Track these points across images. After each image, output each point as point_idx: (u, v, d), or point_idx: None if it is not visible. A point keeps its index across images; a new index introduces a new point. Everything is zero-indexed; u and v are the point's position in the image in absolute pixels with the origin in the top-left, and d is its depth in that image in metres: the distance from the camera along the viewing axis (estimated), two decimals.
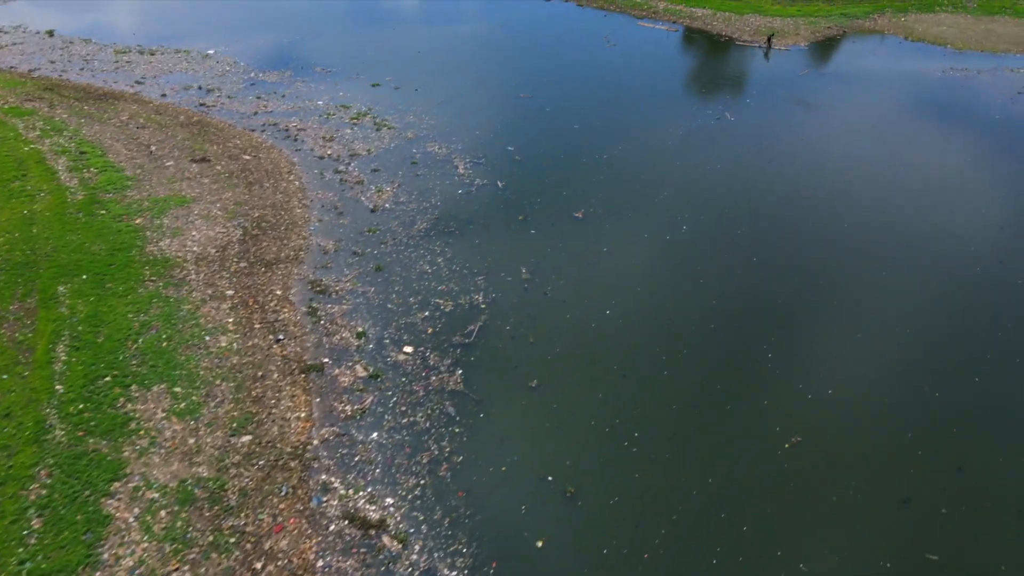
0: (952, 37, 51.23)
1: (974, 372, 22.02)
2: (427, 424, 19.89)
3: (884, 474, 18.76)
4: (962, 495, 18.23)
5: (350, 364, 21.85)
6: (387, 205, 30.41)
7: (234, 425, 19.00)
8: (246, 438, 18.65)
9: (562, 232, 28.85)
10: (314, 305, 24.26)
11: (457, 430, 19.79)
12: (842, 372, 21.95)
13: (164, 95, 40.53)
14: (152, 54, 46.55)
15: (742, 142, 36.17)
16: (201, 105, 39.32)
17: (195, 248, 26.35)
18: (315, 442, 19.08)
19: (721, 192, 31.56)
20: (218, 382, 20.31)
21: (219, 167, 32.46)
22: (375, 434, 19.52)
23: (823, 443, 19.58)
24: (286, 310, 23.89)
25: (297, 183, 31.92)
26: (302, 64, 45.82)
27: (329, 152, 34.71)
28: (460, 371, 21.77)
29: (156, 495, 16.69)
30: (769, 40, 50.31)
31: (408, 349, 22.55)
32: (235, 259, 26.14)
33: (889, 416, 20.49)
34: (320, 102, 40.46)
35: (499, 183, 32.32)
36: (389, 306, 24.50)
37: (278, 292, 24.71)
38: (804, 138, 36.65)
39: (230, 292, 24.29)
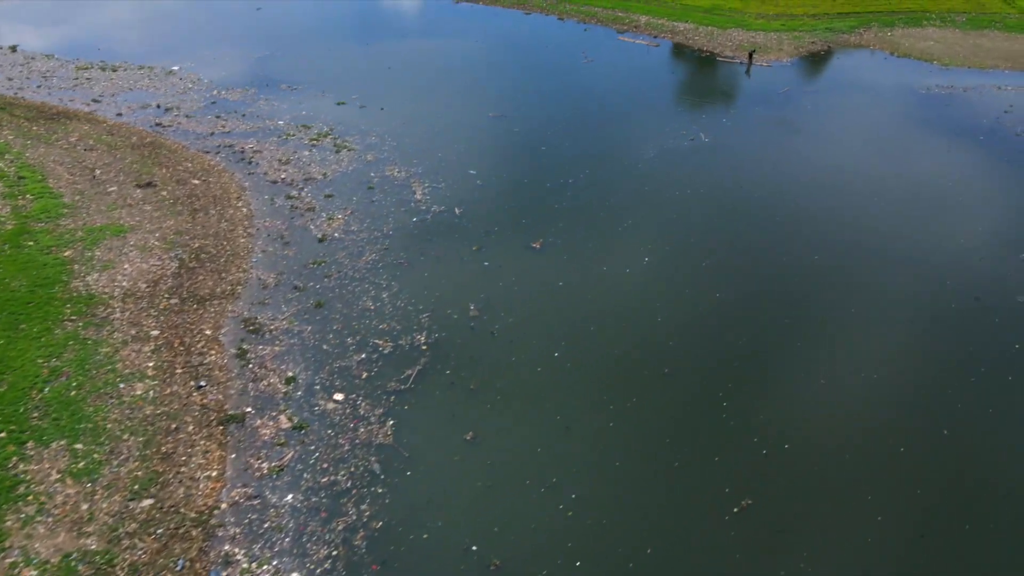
0: (939, 53, 49.89)
1: (943, 426, 20.56)
2: (348, 484, 18.43)
3: (838, 545, 17.27)
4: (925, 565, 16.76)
5: (274, 414, 20.40)
6: (336, 234, 29.00)
7: (135, 487, 17.54)
8: (147, 502, 17.19)
9: (517, 264, 27.44)
10: (244, 346, 22.82)
11: (380, 490, 18.33)
12: (801, 427, 20.48)
13: (120, 114, 39.21)
14: (114, 70, 45.25)
15: (714, 166, 34.77)
16: (157, 125, 37.97)
17: (124, 283, 24.93)
18: (223, 505, 17.61)
19: (687, 221, 30.14)
20: (126, 436, 18.86)
21: (165, 192, 31.09)
22: (290, 496, 18.05)
23: (775, 507, 18.09)
24: (214, 352, 22.45)
25: (245, 210, 30.53)
26: (268, 81, 44.49)
27: (283, 176, 33.33)
28: (392, 422, 20.33)
29: (34, 573, 15.21)
30: (751, 56, 48.97)
31: (339, 397, 21.10)
32: (166, 295, 24.72)
33: (847, 479, 19.02)
34: (281, 122, 39.12)
35: (457, 210, 30.93)
36: (325, 347, 23.07)
37: (208, 332, 23.28)
38: (779, 162, 35.24)
39: (155, 332, 22.86)
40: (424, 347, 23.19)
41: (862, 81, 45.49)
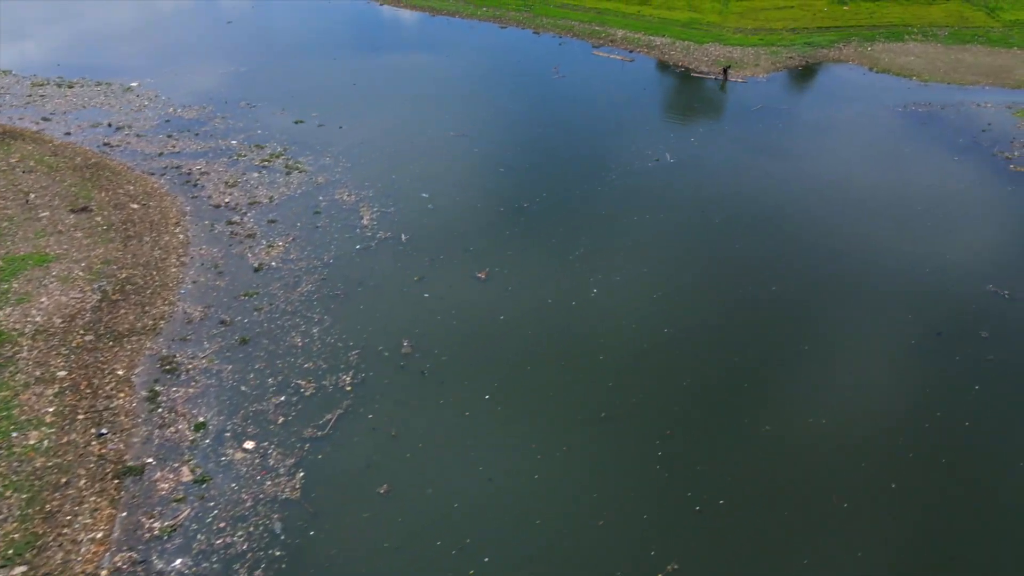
0: (919, 68, 48.67)
1: (891, 480, 19.19)
2: (245, 546, 17.10)
3: None
4: None
5: (176, 465, 19.10)
6: (274, 263, 27.76)
7: (9, 552, 16.23)
8: (19, 570, 15.87)
9: (459, 296, 26.17)
10: (156, 388, 21.54)
11: (278, 553, 17.00)
12: (740, 481, 19.13)
13: (68, 133, 38.06)
14: (71, 87, 44.16)
15: (676, 189, 33.51)
16: (105, 145, 36.82)
17: (38, 318, 23.68)
18: (103, 573, 16.26)
19: (641, 249, 28.88)
20: (8, 493, 17.56)
21: (100, 218, 29.88)
22: (179, 561, 16.73)
23: (703, 574, 16.73)
24: (122, 395, 21.17)
25: (182, 236, 29.32)
26: (227, 98, 43.35)
27: (227, 200, 32.12)
28: (301, 473, 19.03)
29: None
30: (725, 72, 47.79)
31: (249, 445, 19.80)
32: (82, 331, 23.46)
33: (784, 541, 17.67)
34: (234, 141, 37.95)
35: (403, 236, 29.70)
36: (243, 389, 21.79)
37: (120, 372, 22.00)
38: (743, 185, 33.96)
39: (62, 373, 21.58)
40: (348, 388, 21.93)
41: (838, 99, 44.27)
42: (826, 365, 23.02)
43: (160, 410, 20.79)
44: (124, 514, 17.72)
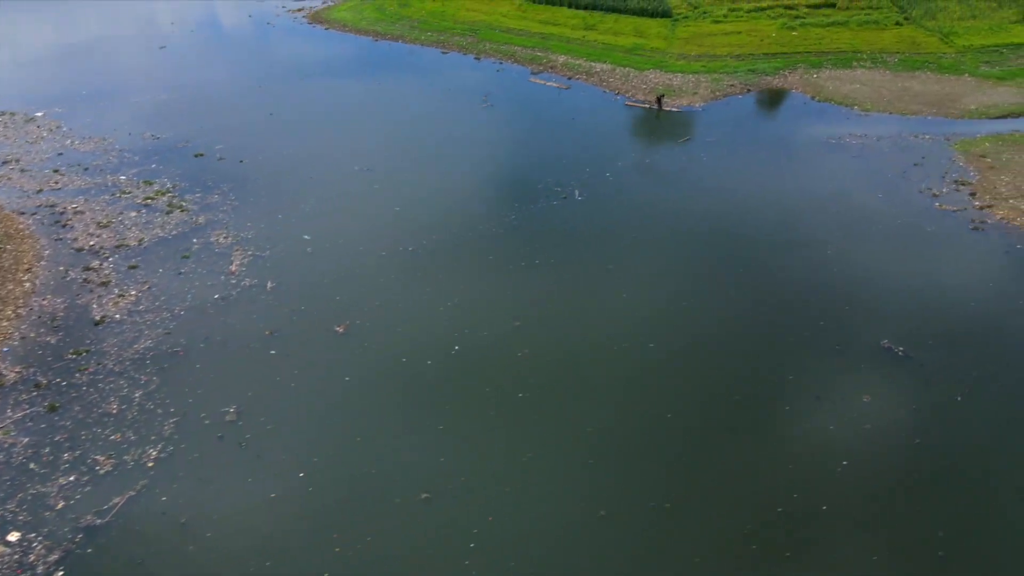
0: (863, 97, 46.68)
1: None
2: None
3: None
4: None
5: None
6: (118, 316, 25.75)
7: None
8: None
9: (309, 354, 24.13)
10: None
11: None
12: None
13: None
14: None
15: (578, 231, 31.44)
16: None
17: None
18: None
19: (518, 301, 26.75)
20: None
21: None
22: None
23: None
24: None
25: (29, 285, 27.37)
26: (132, 130, 41.65)
27: (93, 243, 30.20)
28: (61, 573, 16.84)
29: None
30: (659, 100, 45.91)
31: (14, 537, 17.67)
32: None
33: None
34: (123, 177, 36.14)
35: (269, 284, 27.71)
36: (32, 466, 19.73)
37: None
38: (645, 227, 31.85)
39: None
40: (151, 464, 19.82)
41: (771, 130, 42.34)
42: (690, 438, 20.79)
43: None
44: None
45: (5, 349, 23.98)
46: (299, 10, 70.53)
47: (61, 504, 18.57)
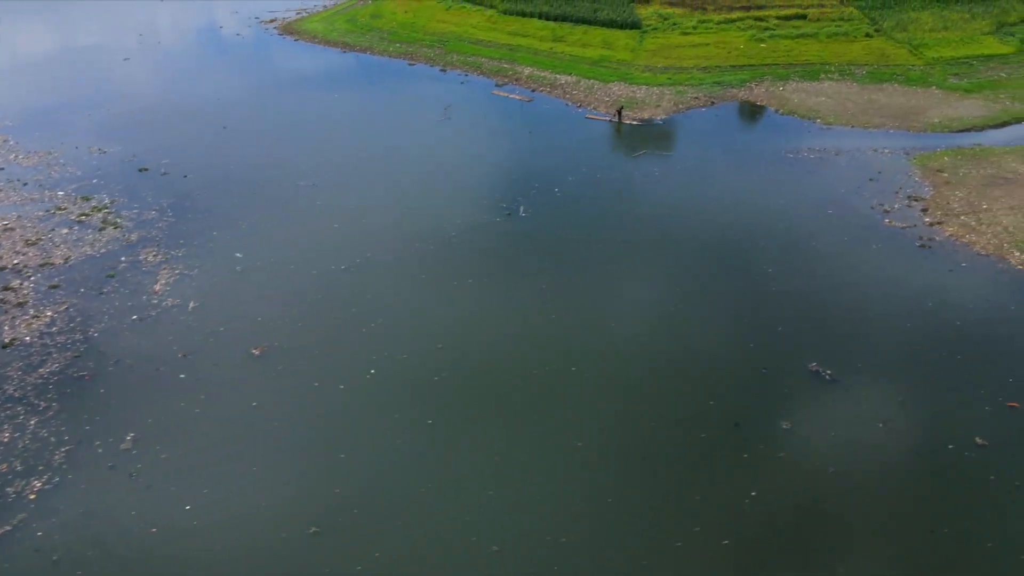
0: (827, 110, 46.00)
1: None
2: None
3: None
4: None
5: None
6: (28, 338, 25.02)
7: None
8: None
9: (219, 378, 23.41)
10: None
11: None
12: None
13: None
14: None
15: (517, 250, 30.69)
16: None
17: None
18: None
19: (443, 322, 26.01)
20: None
21: None
22: None
23: None
24: None
25: None
26: (79, 143, 41.07)
27: (16, 262, 29.51)
28: None
29: None
30: (619, 113, 45.25)
31: None
32: None
33: None
34: (61, 192, 35.48)
35: (191, 304, 27.01)
36: None
37: None
38: (586, 246, 31.08)
39: None
40: (33, 496, 19.08)
41: (730, 143, 41.59)
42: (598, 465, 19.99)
43: None
44: None
45: None
46: (271, 21, 70.12)
47: None
